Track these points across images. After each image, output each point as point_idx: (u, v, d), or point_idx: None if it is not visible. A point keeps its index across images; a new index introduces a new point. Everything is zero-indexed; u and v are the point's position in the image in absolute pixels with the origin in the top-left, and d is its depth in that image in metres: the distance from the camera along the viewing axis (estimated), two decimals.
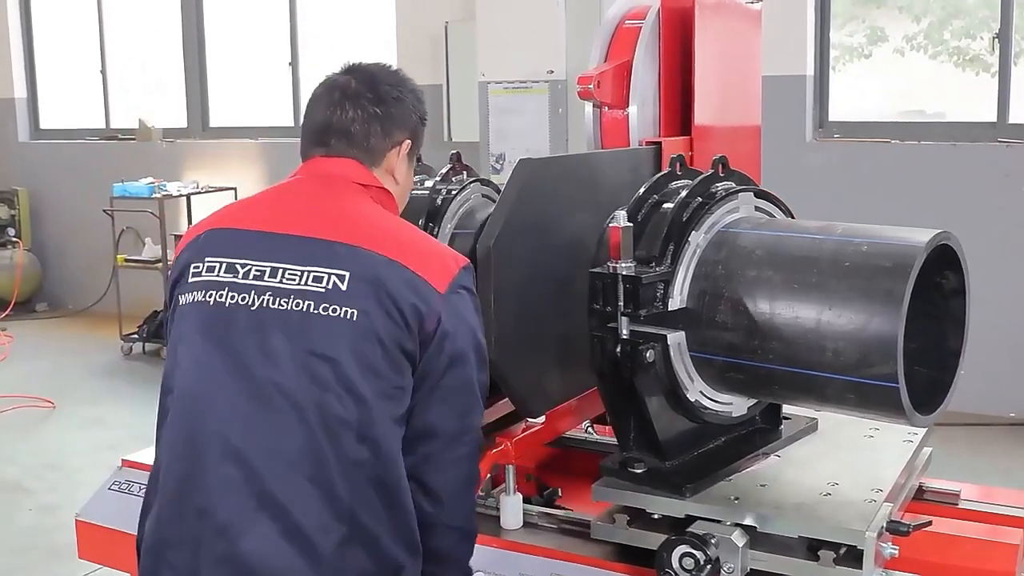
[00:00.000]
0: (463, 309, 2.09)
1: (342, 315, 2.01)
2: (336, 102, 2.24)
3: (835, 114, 7.52)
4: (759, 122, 3.53)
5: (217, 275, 2.11)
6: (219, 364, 2.05)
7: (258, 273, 2.08)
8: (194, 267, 2.15)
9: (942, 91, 7.81)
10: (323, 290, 2.03)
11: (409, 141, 2.30)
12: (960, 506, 2.58)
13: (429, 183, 2.78)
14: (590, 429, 3.16)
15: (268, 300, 2.05)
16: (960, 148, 6.97)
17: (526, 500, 2.72)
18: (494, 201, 2.85)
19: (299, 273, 2.06)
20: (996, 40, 7.08)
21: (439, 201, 2.72)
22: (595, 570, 2.29)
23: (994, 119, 7.06)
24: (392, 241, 2.10)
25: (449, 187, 2.77)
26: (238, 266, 2.10)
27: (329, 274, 2.04)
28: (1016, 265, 6.60)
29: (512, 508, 2.49)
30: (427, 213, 2.67)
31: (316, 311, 2.02)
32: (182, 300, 2.15)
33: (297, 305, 2.03)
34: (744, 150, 3.41)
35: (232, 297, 2.08)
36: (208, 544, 2.00)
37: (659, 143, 2.94)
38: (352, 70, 2.29)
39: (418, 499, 2.09)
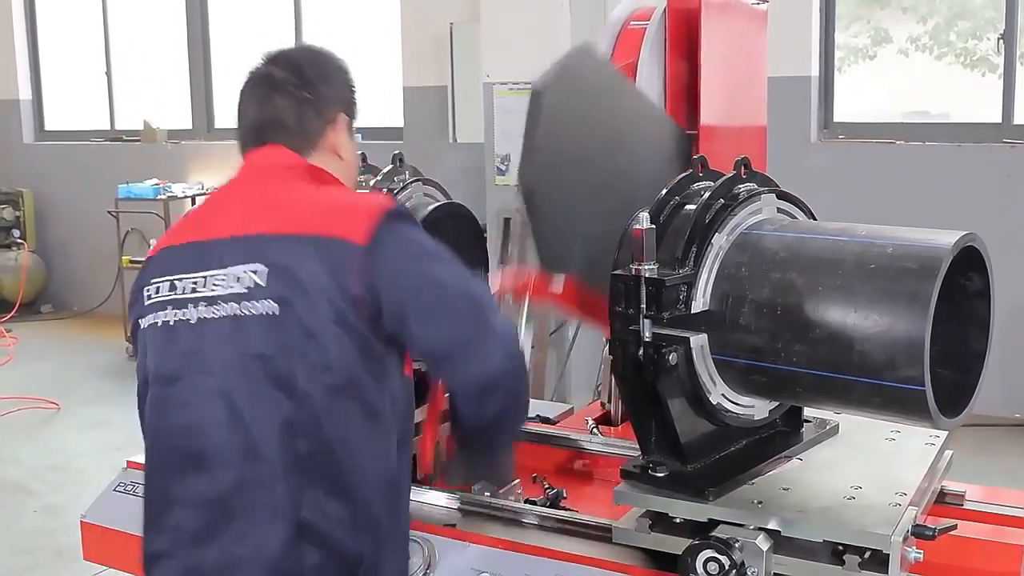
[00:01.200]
0: (397, 238, 2.07)
1: (265, 311, 2.02)
2: (265, 97, 2.26)
3: (840, 115, 7.53)
4: (764, 123, 3.52)
5: (161, 295, 2.14)
6: (177, 384, 2.10)
7: (192, 285, 2.10)
8: (145, 291, 2.18)
9: (946, 92, 7.81)
10: (245, 289, 2.04)
11: (345, 115, 2.32)
12: (965, 507, 2.56)
13: (371, 182, 2.78)
14: (595, 431, 3.15)
15: (203, 311, 2.07)
16: (964, 149, 6.98)
17: (531, 502, 2.71)
18: (435, 200, 2.87)
19: (224, 276, 2.07)
20: (1001, 41, 7.08)
21: None
22: (601, 571, 2.27)
23: (999, 120, 7.07)
24: (309, 215, 2.10)
25: (390, 186, 2.77)
26: (175, 282, 2.13)
27: (248, 272, 2.05)
28: (1021, 265, 6.59)
29: None
30: None
31: (244, 312, 2.03)
32: (142, 323, 2.19)
33: (229, 310, 2.05)
34: (749, 151, 3.38)
35: (175, 315, 2.10)
36: (183, 556, 2.06)
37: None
38: (274, 59, 2.31)
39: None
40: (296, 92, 2.24)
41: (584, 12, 6.81)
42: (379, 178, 2.79)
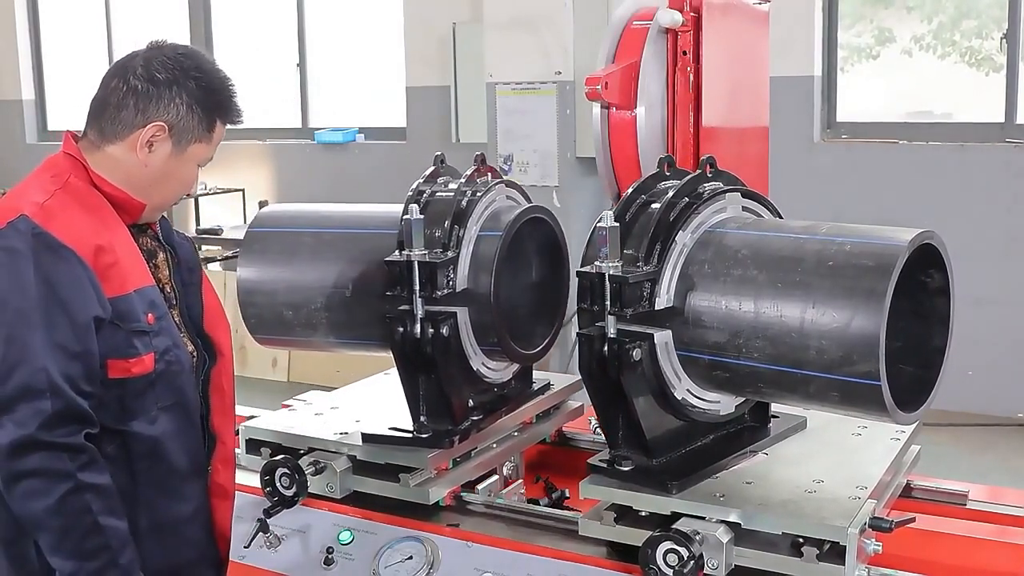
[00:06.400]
0: None
1: None
2: (112, 74, 2.24)
3: (843, 115, 7.52)
4: (767, 123, 3.53)
5: None
6: None
7: None
8: None
9: (949, 92, 7.80)
10: None
11: (164, 127, 2.22)
12: (968, 506, 2.58)
13: (453, 185, 2.68)
14: (599, 430, 3.15)
15: None
16: (968, 149, 6.97)
17: (535, 501, 2.73)
18: (518, 204, 2.78)
19: None
20: (1004, 40, 7.06)
21: (464, 203, 2.62)
22: (603, 571, 2.29)
23: (1002, 119, 7.05)
24: None
25: (475, 189, 2.67)
26: None
27: None
28: None
29: None
30: (453, 215, 2.58)
31: None
32: None
33: None
34: (753, 151, 3.41)
35: None
36: None
37: None
38: (153, 45, 2.28)
39: None
40: (132, 80, 2.21)
41: (587, 12, 6.83)
42: (462, 181, 2.69)
